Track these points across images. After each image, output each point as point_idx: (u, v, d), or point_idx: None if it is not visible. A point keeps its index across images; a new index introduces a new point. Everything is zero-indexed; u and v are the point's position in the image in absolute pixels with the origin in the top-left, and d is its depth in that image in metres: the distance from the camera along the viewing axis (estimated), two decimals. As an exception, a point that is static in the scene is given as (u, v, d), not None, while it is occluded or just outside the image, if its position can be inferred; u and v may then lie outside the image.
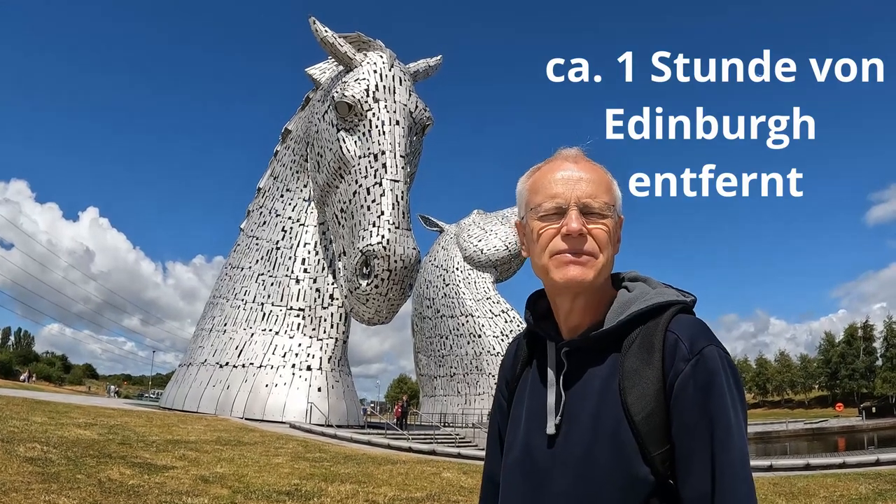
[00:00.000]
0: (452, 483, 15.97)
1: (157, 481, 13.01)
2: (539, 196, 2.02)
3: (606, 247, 1.97)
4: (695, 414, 1.81)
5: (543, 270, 2.01)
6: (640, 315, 1.95)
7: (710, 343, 1.87)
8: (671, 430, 1.84)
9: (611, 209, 1.99)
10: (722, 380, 1.82)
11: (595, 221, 1.96)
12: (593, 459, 1.87)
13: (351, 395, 37.94)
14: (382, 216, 27.80)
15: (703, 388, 1.81)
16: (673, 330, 1.90)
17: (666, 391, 1.84)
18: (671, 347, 1.87)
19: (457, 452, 25.61)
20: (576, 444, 1.92)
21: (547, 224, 1.98)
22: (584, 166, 2.04)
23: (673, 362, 1.85)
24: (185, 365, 41.77)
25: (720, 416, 1.80)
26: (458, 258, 62.02)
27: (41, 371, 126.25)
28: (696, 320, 1.97)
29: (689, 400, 1.82)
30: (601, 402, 1.91)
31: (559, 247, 1.95)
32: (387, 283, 27.80)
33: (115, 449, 16.70)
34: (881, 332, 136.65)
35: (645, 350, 1.90)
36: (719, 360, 1.84)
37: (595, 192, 1.98)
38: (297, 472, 16.05)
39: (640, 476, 1.83)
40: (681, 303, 1.99)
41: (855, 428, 69.25)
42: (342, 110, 29.58)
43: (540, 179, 2.06)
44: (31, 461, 13.32)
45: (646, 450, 1.83)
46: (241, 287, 39.78)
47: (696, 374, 1.82)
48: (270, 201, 39.95)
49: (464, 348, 59.85)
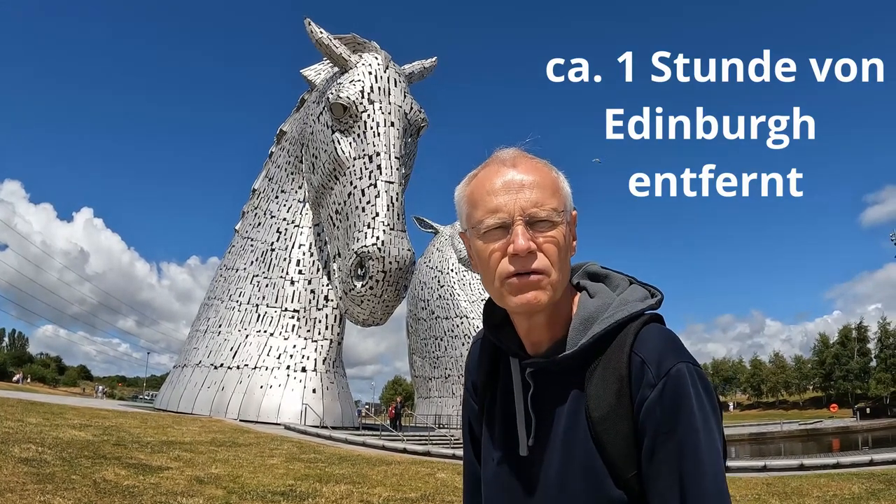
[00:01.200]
0: (447, 483, 15.99)
1: (152, 482, 13.02)
2: (479, 211, 1.85)
3: (558, 260, 1.83)
4: (663, 437, 1.73)
5: (497, 294, 1.87)
6: (602, 336, 1.84)
7: (677, 361, 1.77)
8: (641, 453, 1.77)
9: (560, 214, 1.84)
10: (691, 401, 1.74)
11: (544, 233, 1.81)
12: (567, 483, 1.84)
13: (346, 397, 37.94)
14: (377, 218, 27.77)
15: (670, 410, 1.73)
16: (637, 352, 1.80)
17: (634, 415, 1.78)
18: (637, 372, 1.78)
19: (451, 453, 25.57)
20: (548, 467, 1.88)
21: (491, 244, 1.82)
22: (525, 167, 1.86)
23: (640, 388, 1.77)
24: (180, 366, 41.75)
25: (688, 436, 1.72)
26: (452, 260, 62.11)
27: (35, 373, 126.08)
28: (661, 334, 1.86)
29: (656, 424, 1.74)
30: (570, 427, 1.85)
31: (508, 269, 1.80)
32: (381, 284, 27.77)
33: (109, 450, 16.70)
34: (875, 333, 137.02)
35: (610, 375, 1.81)
36: (688, 379, 1.75)
37: (540, 198, 1.82)
38: (291, 472, 16.07)
39: (615, 498, 1.78)
40: (645, 313, 1.90)
41: (849, 429, 69.46)
42: (337, 112, 29.56)
43: (477, 190, 1.88)
44: (26, 462, 13.32)
45: (617, 474, 1.78)
46: (236, 288, 39.76)
47: (663, 399, 1.74)
48: (265, 202, 39.94)
49: (458, 350, 59.91)
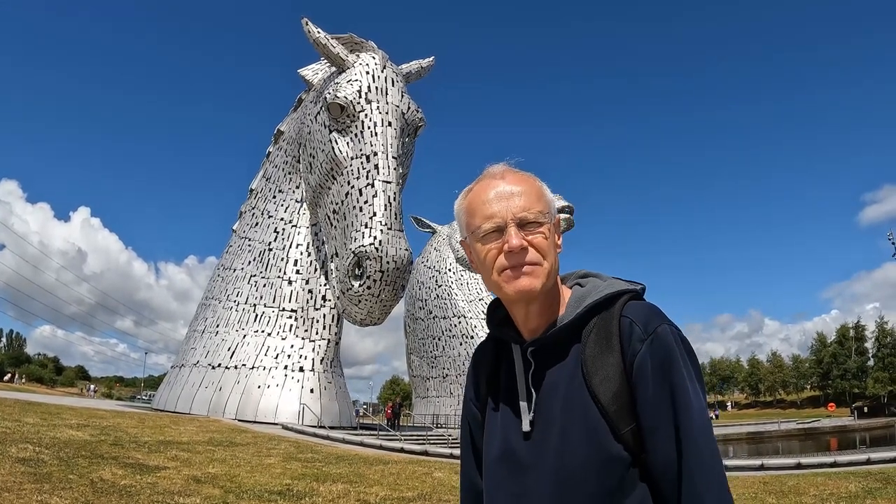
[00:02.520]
0: (444, 483, 16.01)
1: (149, 481, 13.02)
2: (476, 218, 2.12)
3: (548, 252, 2.08)
4: (656, 388, 1.92)
5: (495, 287, 2.12)
6: (595, 306, 2.08)
7: (662, 322, 2.00)
8: (636, 406, 1.94)
9: (546, 215, 2.10)
10: (677, 355, 1.95)
11: (533, 231, 2.06)
12: (568, 446, 1.97)
13: (343, 397, 37.93)
14: (374, 217, 27.77)
15: (661, 363, 1.94)
16: (627, 315, 2.03)
17: (626, 371, 1.96)
18: (627, 331, 1.99)
19: (449, 453, 25.58)
20: (550, 435, 2.02)
21: (489, 245, 2.08)
22: (513, 179, 2.14)
23: (630, 343, 1.97)
24: (178, 366, 41.72)
25: (679, 387, 1.92)
26: (450, 259, 62.11)
27: (33, 373, 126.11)
28: (647, 304, 2.10)
29: (648, 376, 1.93)
30: (569, 392, 2.02)
31: (504, 263, 2.06)
32: (379, 284, 27.77)
33: (107, 450, 16.70)
34: (873, 333, 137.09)
35: (603, 337, 2.02)
36: (672, 337, 1.98)
37: (528, 203, 2.08)
38: (288, 472, 16.08)
39: (614, 454, 1.92)
40: (631, 290, 2.13)
41: (847, 428, 69.41)
42: (334, 111, 29.56)
43: (474, 201, 2.15)
44: (23, 462, 13.32)
45: (615, 428, 1.93)
46: (234, 288, 39.77)
47: (652, 352, 1.94)
48: (262, 202, 39.96)
49: (456, 349, 59.92)
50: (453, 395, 59.97)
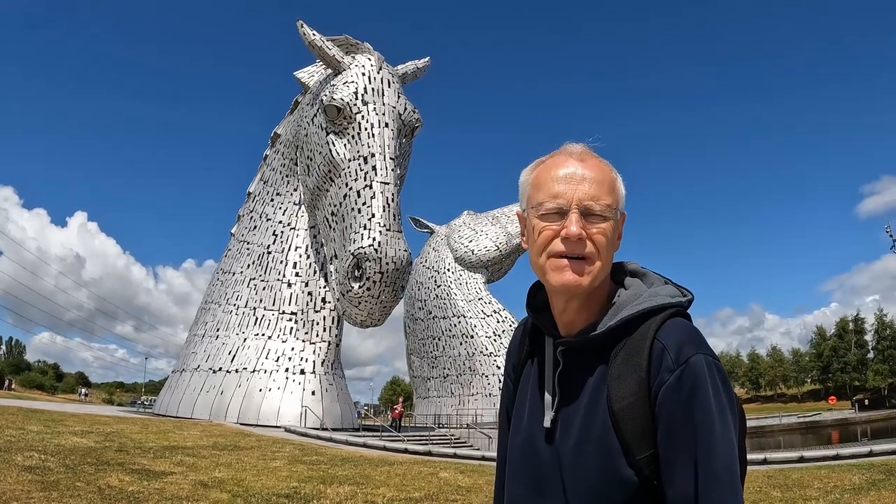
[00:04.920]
0: (450, 483, 16.03)
1: (157, 487, 13.04)
2: (541, 193, 2.01)
3: (604, 251, 1.97)
4: (679, 422, 1.81)
5: (540, 270, 2.03)
6: (629, 321, 1.96)
7: (696, 352, 1.86)
8: (656, 435, 1.85)
9: (612, 211, 1.98)
10: (707, 389, 1.81)
11: (595, 224, 1.95)
12: (583, 457, 1.92)
13: (345, 398, 37.95)
14: (373, 219, 27.77)
15: (687, 398, 1.81)
16: (660, 338, 1.90)
17: (651, 400, 1.86)
18: (657, 357, 1.87)
19: (453, 453, 25.66)
20: (568, 440, 1.97)
21: (547, 224, 1.98)
22: (589, 164, 2.02)
23: (658, 372, 1.85)
24: (179, 371, 41.72)
25: (703, 423, 1.79)
26: (448, 259, 62.08)
27: (34, 380, 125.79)
28: (685, 326, 1.95)
29: (672, 410, 1.82)
30: (591, 405, 1.95)
31: (557, 248, 1.96)
32: (378, 285, 27.79)
33: (112, 456, 16.71)
34: (872, 325, 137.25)
35: (632, 358, 1.91)
36: (705, 369, 1.84)
37: (597, 193, 1.97)
38: (294, 475, 16.10)
39: (625, 477, 1.85)
40: (673, 306, 1.99)
41: (848, 420, 69.47)
42: (331, 113, 29.55)
43: (542, 175, 2.05)
44: (29, 470, 13.35)
45: (630, 454, 1.85)
46: (233, 292, 39.77)
47: (680, 385, 1.82)
48: (261, 206, 39.95)
49: (456, 349, 59.90)
50: (454, 394, 59.95)
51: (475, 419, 50.00)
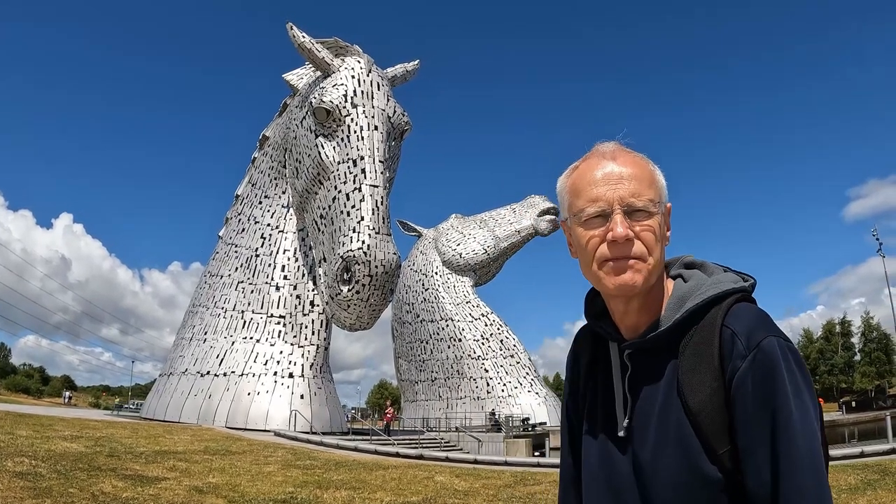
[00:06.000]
0: (446, 486, 15.97)
1: (152, 493, 12.90)
2: (580, 200, 1.97)
3: (655, 247, 1.92)
4: (755, 409, 1.76)
5: (594, 277, 1.98)
6: (695, 311, 1.92)
7: (767, 334, 1.82)
8: (734, 426, 1.80)
9: (656, 205, 1.94)
10: (782, 371, 1.76)
11: (641, 222, 1.91)
12: (663, 461, 1.87)
13: (334, 402, 37.79)
14: (362, 222, 27.64)
15: (762, 382, 1.76)
16: (728, 324, 1.86)
17: (725, 389, 1.81)
18: (728, 344, 1.83)
19: (444, 456, 25.58)
20: (645, 446, 1.92)
21: (591, 231, 1.93)
22: (624, 160, 1.97)
23: (731, 359, 1.81)
24: (166, 375, 41.42)
25: (781, 409, 1.74)
26: (436, 262, 62.04)
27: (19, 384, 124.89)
28: (752, 310, 1.91)
29: (748, 396, 1.77)
30: (665, 404, 1.90)
31: (606, 254, 1.91)
32: (368, 288, 27.66)
33: (103, 461, 16.53)
34: (859, 328, 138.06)
35: (702, 348, 1.87)
36: (778, 352, 1.79)
37: (638, 189, 1.92)
38: (290, 479, 15.98)
39: (708, 474, 1.80)
40: (737, 291, 1.95)
41: (836, 422, 69.65)
42: (320, 116, 29.42)
43: (579, 180, 2.00)
44: (21, 476, 13.15)
45: (710, 449, 1.80)
46: (221, 295, 39.55)
47: (754, 370, 1.78)
48: (249, 208, 39.76)
49: (444, 352, 59.86)
50: (442, 398, 59.88)
51: (464, 423, 49.93)
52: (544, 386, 60.38)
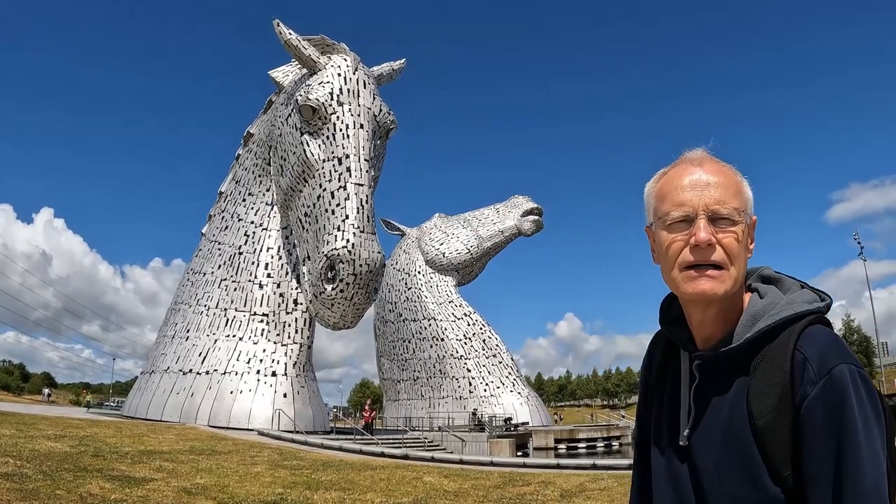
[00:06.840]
0: (436, 487, 15.92)
1: (140, 494, 12.75)
2: (666, 204, 1.99)
3: (737, 256, 1.91)
4: (823, 437, 1.73)
5: (673, 283, 1.98)
6: (768, 332, 1.89)
7: (840, 361, 1.77)
8: (800, 451, 1.77)
9: (741, 214, 1.94)
10: (852, 402, 1.72)
11: (724, 229, 1.91)
12: (724, 475, 1.85)
13: (317, 401, 37.69)
14: (347, 220, 27.52)
15: (831, 411, 1.73)
16: (801, 348, 1.82)
17: (794, 413, 1.78)
18: (799, 369, 1.80)
19: (430, 456, 25.52)
20: (707, 457, 1.91)
21: (675, 235, 1.95)
22: (711, 168, 1.98)
23: (801, 385, 1.78)
24: (148, 372, 41.11)
25: (849, 440, 1.70)
26: (419, 262, 61.99)
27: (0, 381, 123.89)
28: (826, 335, 1.87)
29: (816, 424, 1.74)
30: (731, 420, 1.87)
31: (688, 259, 1.92)
32: (352, 287, 27.55)
33: (89, 462, 16.34)
34: (839, 330, 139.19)
35: (773, 370, 1.84)
36: (849, 381, 1.75)
37: (723, 197, 1.93)
38: (278, 480, 15.88)
39: (770, 495, 1.78)
40: (812, 312, 1.92)
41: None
42: (306, 114, 29.27)
43: (666, 186, 2.02)
44: (6, 477, 12.96)
45: (775, 470, 1.78)
46: (204, 293, 39.31)
47: (823, 398, 1.74)
48: (232, 206, 39.55)
49: (427, 352, 59.85)
50: (424, 397, 59.88)
51: (447, 422, 49.90)
52: (526, 386, 60.54)
